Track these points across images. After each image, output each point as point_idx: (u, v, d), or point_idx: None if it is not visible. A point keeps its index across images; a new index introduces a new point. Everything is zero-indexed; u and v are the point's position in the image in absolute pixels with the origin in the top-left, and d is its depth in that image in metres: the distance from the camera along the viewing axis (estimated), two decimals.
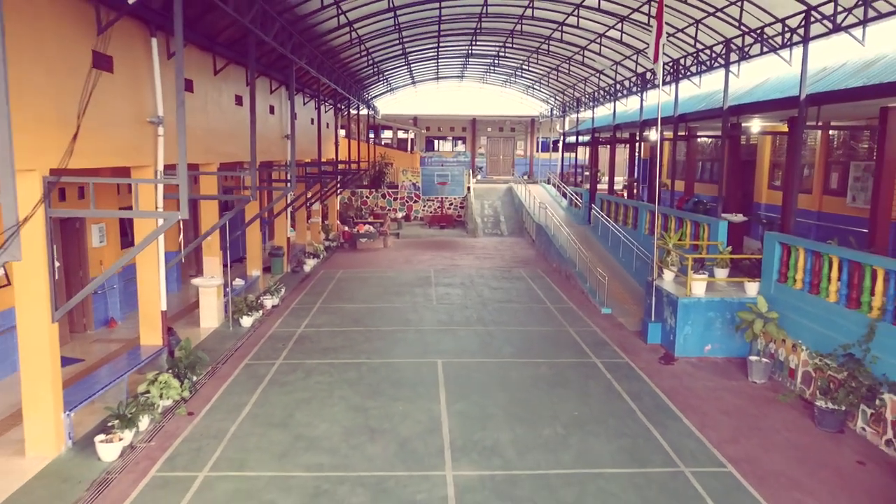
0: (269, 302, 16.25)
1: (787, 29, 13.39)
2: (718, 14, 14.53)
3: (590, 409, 10.20)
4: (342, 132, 31.40)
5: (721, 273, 13.63)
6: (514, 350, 13.27)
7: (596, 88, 27.48)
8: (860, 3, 10.96)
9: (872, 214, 12.36)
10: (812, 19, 12.41)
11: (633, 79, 23.16)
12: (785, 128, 17.41)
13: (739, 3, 13.57)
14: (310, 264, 21.94)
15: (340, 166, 26.31)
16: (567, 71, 27.08)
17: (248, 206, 16.15)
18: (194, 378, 10.69)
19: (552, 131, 40.32)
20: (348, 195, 33.91)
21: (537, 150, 43.32)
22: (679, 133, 21.69)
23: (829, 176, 17.82)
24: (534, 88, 35.48)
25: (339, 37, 18.76)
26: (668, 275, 13.87)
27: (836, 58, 14.69)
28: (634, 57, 20.98)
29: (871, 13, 10.98)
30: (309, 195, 24.05)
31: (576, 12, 18.29)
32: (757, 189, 21.57)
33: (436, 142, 45.02)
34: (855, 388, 9.25)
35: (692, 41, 16.97)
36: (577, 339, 14.04)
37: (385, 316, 15.87)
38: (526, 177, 41.19)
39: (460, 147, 44.96)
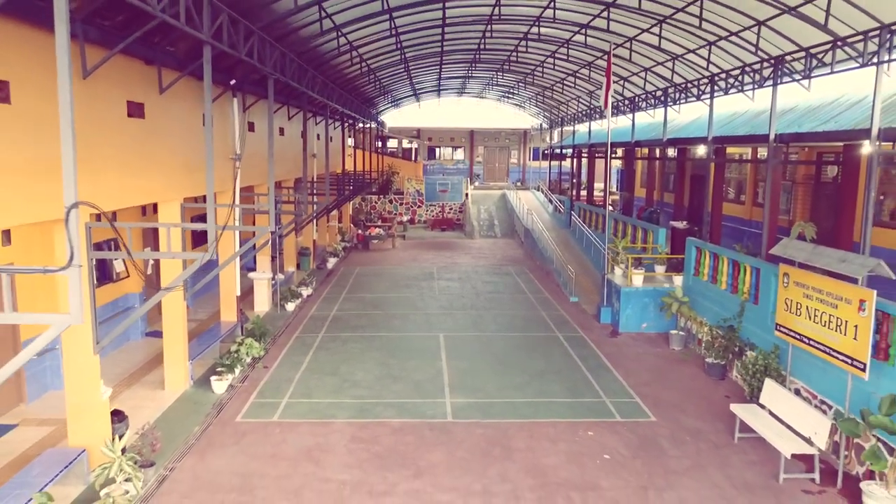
0: (304, 292, 20.31)
1: (703, 84, 17.43)
2: (657, 68, 18.59)
3: (549, 366, 14.30)
4: (350, 141, 35.39)
5: (659, 269, 17.76)
6: (498, 327, 17.36)
7: (576, 111, 31.56)
8: (745, 71, 14.99)
9: (764, 223, 16.26)
10: (718, 79, 16.47)
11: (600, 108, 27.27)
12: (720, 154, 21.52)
13: (671, 63, 17.62)
14: (331, 262, 26.03)
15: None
16: (551, 96, 31.16)
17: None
18: (265, 343, 14.78)
19: (542, 142, 44.35)
20: (359, 201, 37.94)
21: (529, 159, 47.41)
22: (637, 153, 25.73)
23: (757, 191, 21.84)
24: (525, 106, 39.53)
25: (361, 77, 22.82)
26: (618, 270, 17.94)
27: (748, 105, 18.65)
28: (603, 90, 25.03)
29: (753, 79, 15.00)
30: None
31: (551, 58, 22.36)
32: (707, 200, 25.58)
33: (437, 150, 49.07)
34: (730, 347, 13.33)
35: (643, 83, 21.05)
36: (547, 320, 18.13)
37: (398, 303, 19.95)
38: (519, 183, 45.27)
39: (459, 155, 49.00)
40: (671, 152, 26.55)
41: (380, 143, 43.67)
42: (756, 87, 14.87)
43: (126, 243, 7.13)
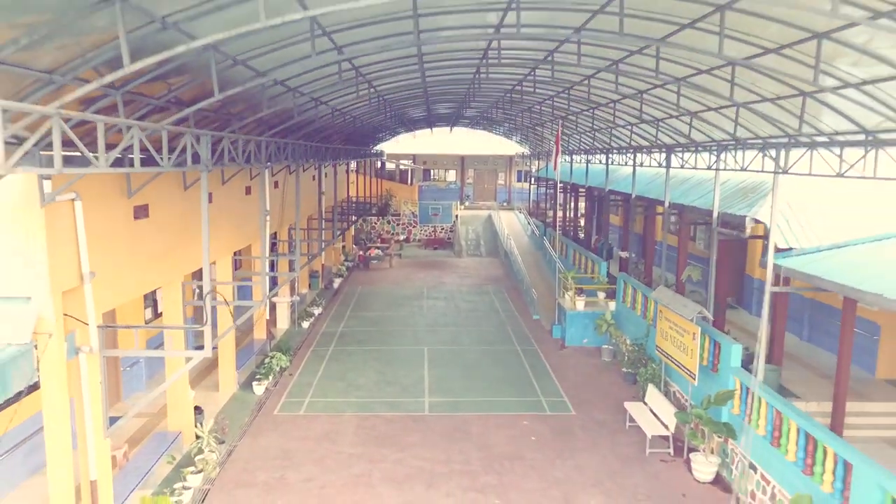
0: (316, 311, 24.84)
1: (629, 151, 22.04)
2: (601, 131, 23.18)
3: (505, 373, 18.83)
4: (353, 165, 39.89)
5: (601, 295, 22.29)
6: (471, 342, 21.90)
7: (550, 148, 36.12)
8: (651, 149, 19.59)
9: (677, 271, 20.83)
10: (638, 151, 21.09)
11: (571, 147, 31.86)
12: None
13: (609, 130, 22.20)
14: (337, 282, 30.55)
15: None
16: (527, 136, 35.74)
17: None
18: (289, 356, 19.32)
19: (526, 166, 48.94)
20: (360, 222, 42.51)
21: (515, 181, 52.03)
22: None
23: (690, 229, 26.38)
24: (511, 136, 44.08)
25: (364, 133, 27.35)
26: (567, 295, 22.47)
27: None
28: (568, 135, 29.60)
29: (657, 155, 19.59)
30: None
31: (521, 114, 26.94)
32: (657, 231, 30.09)
33: (431, 171, 53.63)
34: (639, 360, 17.85)
35: (592, 139, 25.66)
36: (511, 334, 22.68)
37: (392, 320, 24.49)
38: (505, 203, 49.87)
39: (452, 175, 53.58)
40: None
41: (379, 164, 48.31)
42: (661, 163, 19.55)
43: (225, 298, 11.64)
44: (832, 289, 10.90)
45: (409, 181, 49.82)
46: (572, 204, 36.15)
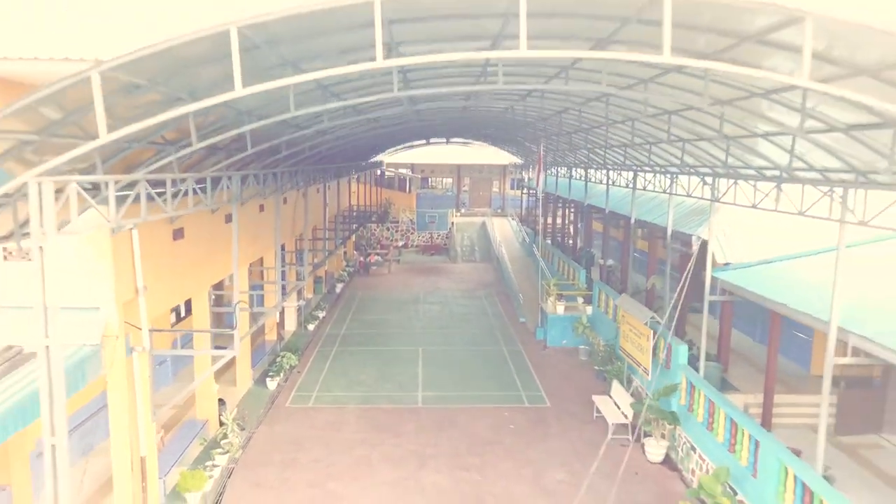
0: (320, 314, 27.04)
1: (605, 168, 24.37)
2: (581, 150, 25.46)
3: (491, 371, 21.05)
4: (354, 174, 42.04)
5: (580, 300, 24.52)
6: (462, 343, 24.12)
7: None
8: (622, 169, 21.86)
9: (648, 264, 23.09)
10: (610, 171, 23.36)
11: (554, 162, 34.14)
12: None
13: (587, 152, 24.48)
14: (339, 287, 32.76)
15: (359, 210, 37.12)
16: (519, 148, 38.00)
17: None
18: (298, 355, 21.55)
19: (518, 174, 51.22)
20: (361, 229, 44.73)
21: (508, 189, 54.33)
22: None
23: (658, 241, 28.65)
24: (504, 148, 46.33)
25: (365, 152, 29.58)
26: (549, 300, 24.69)
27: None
28: (553, 150, 31.82)
29: (626, 176, 21.83)
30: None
31: (509, 131, 29.21)
32: (633, 238, 32.33)
33: (429, 178, 55.91)
34: (609, 358, 20.07)
35: (574, 157, 27.94)
36: (498, 336, 24.91)
37: (390, 323, 26.71)
38: (499, 210, 52.15)
39: (449, 180, 55.84)
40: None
41: (378, 173, 50.51)
42: (628, 184, 21.87)
43: (248, 304, 13.86)
44: (753, 299, 13.12)
45: (407, 189, 52.03)
46: (560, 213, 38.37)
